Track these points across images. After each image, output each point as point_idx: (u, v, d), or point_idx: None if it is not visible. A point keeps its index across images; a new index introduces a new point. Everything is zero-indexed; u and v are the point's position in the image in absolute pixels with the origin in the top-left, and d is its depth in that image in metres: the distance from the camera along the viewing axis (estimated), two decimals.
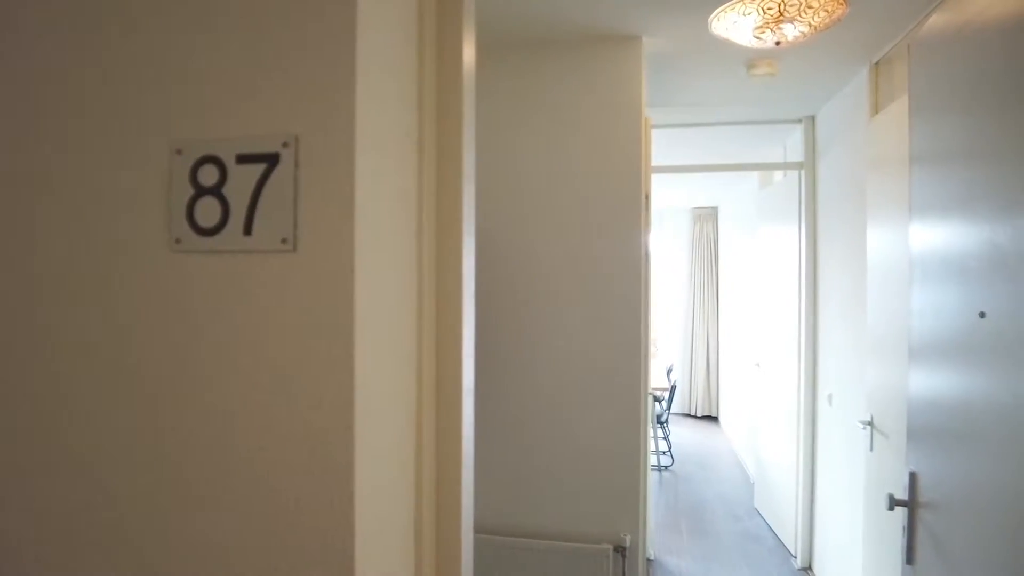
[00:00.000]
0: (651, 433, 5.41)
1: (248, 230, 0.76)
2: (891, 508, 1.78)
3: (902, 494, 1.71)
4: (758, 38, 2.44)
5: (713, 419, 7.79)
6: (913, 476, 1.71)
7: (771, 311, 4.52)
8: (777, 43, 2.44)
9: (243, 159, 0.77)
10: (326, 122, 0.75)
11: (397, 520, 0.86)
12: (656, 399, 5.90)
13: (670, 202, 7.91)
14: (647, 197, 2.78)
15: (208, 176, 0.78)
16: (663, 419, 5.97)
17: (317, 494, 0.74)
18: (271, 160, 0.76)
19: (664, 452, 5.94)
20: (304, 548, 0.74)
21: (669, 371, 6.57)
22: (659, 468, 5.72)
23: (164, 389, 0.78)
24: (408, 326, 0.90)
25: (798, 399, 3.86)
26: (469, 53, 1.03)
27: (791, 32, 2.39)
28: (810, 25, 2.36)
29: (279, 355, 0.75)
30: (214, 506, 0.77)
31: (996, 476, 1.29)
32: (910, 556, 1.73)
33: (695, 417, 7.87)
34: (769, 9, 2.29)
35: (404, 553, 0.88)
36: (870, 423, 2.67)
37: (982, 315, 1.38)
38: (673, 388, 6.12)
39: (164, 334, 0.79)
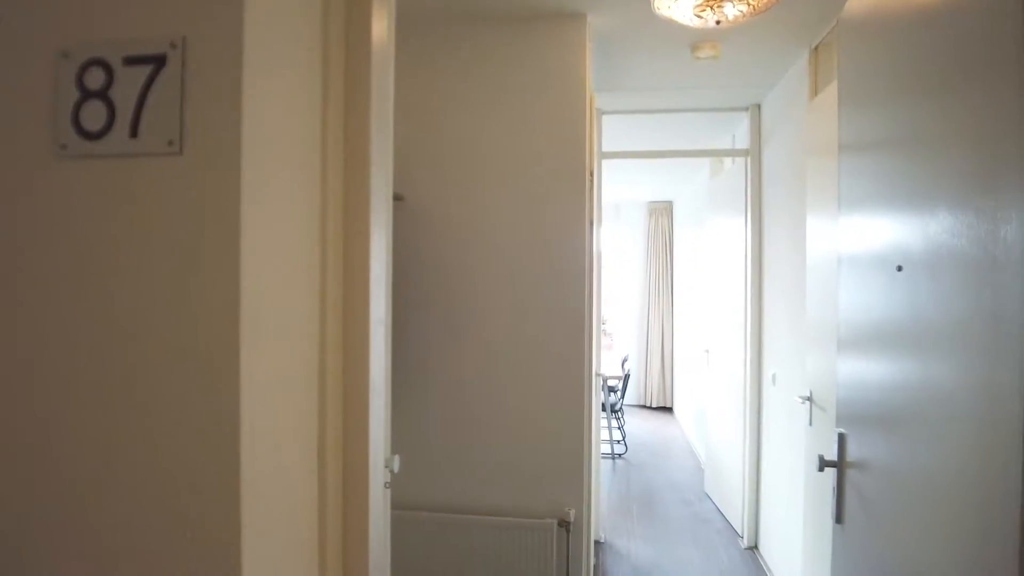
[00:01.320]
0: (604, 423, 5.45)
1: (134, 133, 0.74)
2: (821, 469, 1.81)
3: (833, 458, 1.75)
4: (699, 16, 2.48)
5: (668, 410, 7.89)
6: (842, 437, 1.75)
7: (720, 297, 4.60)
8: (718, 22, 2.48)
9: (130, 61, 0.74)
10: (214, 24, 0.73)
11: (294, 433, 0.84)
12: (611, 389, 5.94)
13: (626, 196, 7.99)
14: (591, 175, 2.80)
15: (95, 79, 0.76)
16: (617, 408, 6.02)
17: (203, 397, 0.72)
18: (159, 61, 0.74)
19: (618, 441, 5.99)
20: (187, 448, 0.71)
21: (624, 361, 6.64)
22: (612, 456, 5.76)
23: (49, 291, 0.75)
24: (310, 245, 0.88)
25: (744, 380, 3.93)
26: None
27: (731, 11, 2.44)
28: (749, 4, 2.40)
29: (165, 260, 0.73)
30: (98, 404, 0.74)
31: (910, 437, 1.34)
32: (839, 515, 1.76)
33: (650, 408, 7.97)
34: None
35: (301, 458, 0.86)
36: (809, 398, 2.73)
37: (899, 268, 1.43)
38: (627, 377, 6.18)
39: (49, 240, 0.76)
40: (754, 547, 3.85)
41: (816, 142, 2.73)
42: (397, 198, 2.64)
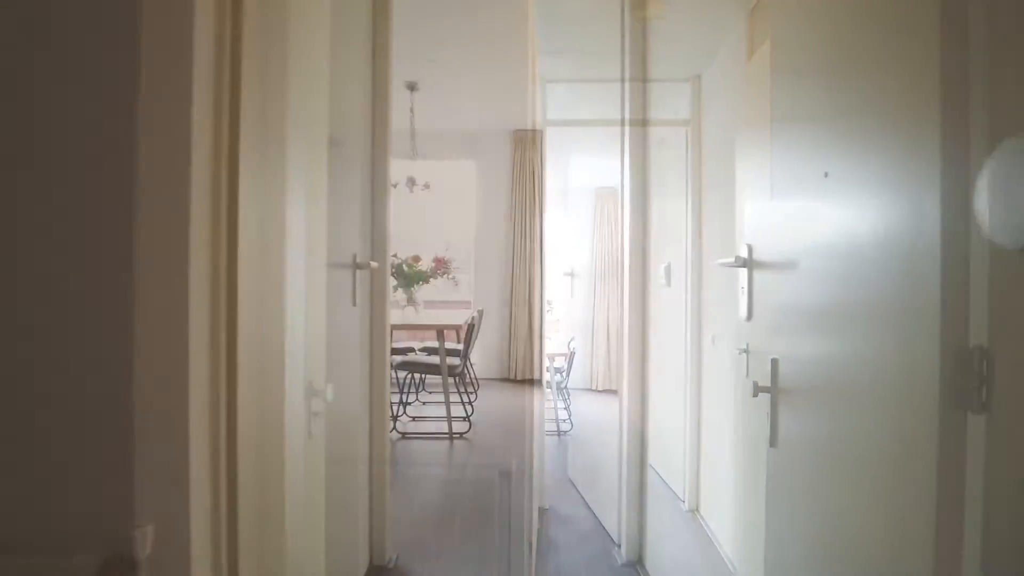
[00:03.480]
0: (550, 403, 5.48)
1: None
2: (755, 395, 1.85)
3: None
4: None
5: (614, 392, 7.97)
6: (775, 362, 1.79)
7: (663, 268, 4.66)
8: None
9: None
10: None
11: None
12: (557, 370, 5.98)
13: (575, 183, 8.04)
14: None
15: None
16: (563, 386, 6.07)
17: None
18: None
19: (564, 420, 6.03)
20: None
21: (570, 342, 6.69)
22: (558, 433, 5.79)
23: None
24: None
25: (685, 345, 4.00)
26: None
27: None
28: None
29: None
30: None
31: (837, 359, 1.39)
32: (773, 439, 1.80)
33: (597, 391, 8.05)
34: None
35: None
36: (746, 350, 2.79)
37: (826, 175, 1.47)
38: (572, 355, 6.23)
39: None
40: (695, 510, 3.92)
41: (750, 110, 2.77)
42: (336, 144, 2.58)
